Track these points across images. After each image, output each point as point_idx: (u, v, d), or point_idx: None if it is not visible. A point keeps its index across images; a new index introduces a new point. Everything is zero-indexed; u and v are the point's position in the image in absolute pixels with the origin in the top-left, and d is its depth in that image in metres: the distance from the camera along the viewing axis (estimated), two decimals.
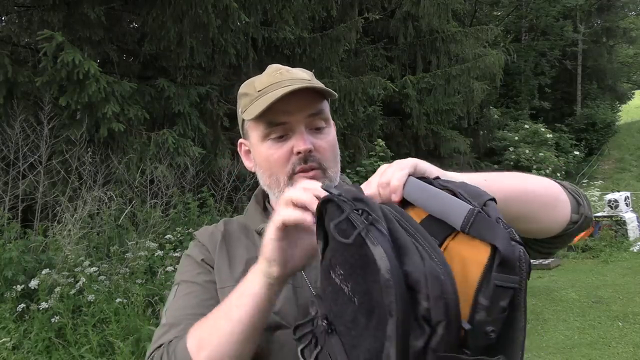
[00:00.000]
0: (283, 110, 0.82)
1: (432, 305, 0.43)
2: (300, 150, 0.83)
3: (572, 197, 0.79)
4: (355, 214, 0.49)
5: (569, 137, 18.26)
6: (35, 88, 5.38)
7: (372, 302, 0.47)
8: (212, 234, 0.95)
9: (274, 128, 0.84)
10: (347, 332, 0.51)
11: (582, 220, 0.78)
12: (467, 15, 17.41)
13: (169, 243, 4.68)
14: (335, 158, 0.89)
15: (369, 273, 0.46)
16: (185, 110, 6.65)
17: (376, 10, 10.98)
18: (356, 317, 0.50)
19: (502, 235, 0.46)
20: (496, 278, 0.45)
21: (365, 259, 0.47)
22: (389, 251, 0.45)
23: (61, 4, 5.99)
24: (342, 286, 0.52)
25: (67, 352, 3.36)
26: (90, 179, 5.01)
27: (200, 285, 0.87)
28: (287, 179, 0.85)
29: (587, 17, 22.24)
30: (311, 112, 0.84)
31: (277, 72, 0.87)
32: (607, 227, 8.36)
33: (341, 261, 0.52)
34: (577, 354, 4.09)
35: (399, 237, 0.47)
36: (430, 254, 0.45)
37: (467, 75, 11.61)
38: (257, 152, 0.88)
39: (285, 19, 7.76)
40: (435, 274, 0.44)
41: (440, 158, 13.16)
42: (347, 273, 0.51)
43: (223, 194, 6.45)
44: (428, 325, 0.44)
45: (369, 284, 0.47)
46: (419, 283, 0.44)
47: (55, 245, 4.28)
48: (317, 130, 0.86)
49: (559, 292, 5.87)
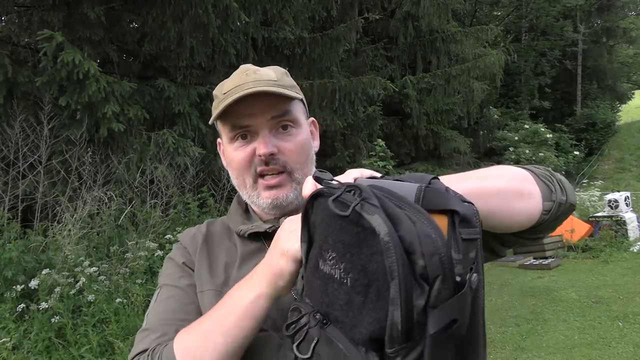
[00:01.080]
0: (246, 113, 0.83)
1: (428, 262, 0.46)
2: (260, 154, 0.83)
3: (544, 184, 0.75)
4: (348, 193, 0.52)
5: (569, 137, 18.27)
6: (35, 88, 5.38)
7: (368, 276, 0.49)
8: (194, 236, 0.95)
9: (238, 131, 0.85)
10: (344, 316, 0.53)
11: (555, 207, 0.74)
12: (467, 15, 17.42)
13: (169, 243, 4.68)
14: (304, 159, 0.88)
15: (365, 246, 0.49)
16: (185, 110, 6.65)
17: (376, 10, 10.99)
18: (350, 298, 0.51)
19: (454, 198, 0.50)
20: (462, 233, 0.49)
21: (360, 233, 0.49)
22: (384, 218, 0.47)
23: (61, 4, 5.99)
24: (332, 272, 0.54)
25: (67, 352, 3.36)
26: (90, 179, 5.01)
27: (181, 289, 0.87)
28: (252, 181, 0.87)
29: (587, 17, 22.25)
30: (274, 114, 0.84)
31: (243, 73, 0.87)
32: (607, 227, 8.36)
33: (333, 244, 0.54)
34: (577, 354, 4.09)
35: (388, 208, 0.49)
36: (418, 217, 0.48)
37: (467, 75, 11.61)
38: (226, 152, 0.90)
39: (285, 19, 7.77)
40: (427, 233, 0.47)
41: (440, 158, 13.17)
42: (340, 254, 0.53)
43: (223, 194, 6.45)
44: (426, 282, 0.46)
45: (364, 259, 0.49)
46: (412, 244, 0.46)
47: (55, 245, 4.28)
48: (284, 131, 0.86)
49: (559, 292, 5.87)
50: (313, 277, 0.59)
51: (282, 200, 0.86)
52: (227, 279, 0.85)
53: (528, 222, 0.73)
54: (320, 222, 0.58)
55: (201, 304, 0.84)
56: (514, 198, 0.71)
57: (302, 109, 0.91)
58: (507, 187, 0.71)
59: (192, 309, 0.83)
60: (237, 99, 0.80)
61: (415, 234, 0.46)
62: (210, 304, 0.79)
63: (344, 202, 0.52)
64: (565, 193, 0.76)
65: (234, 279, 0.83)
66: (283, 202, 0.86)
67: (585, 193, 11.63)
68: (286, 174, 0.86)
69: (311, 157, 0.91)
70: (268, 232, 0.87)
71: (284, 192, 0.86)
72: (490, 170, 0.74)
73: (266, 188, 0.86)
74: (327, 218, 0.55)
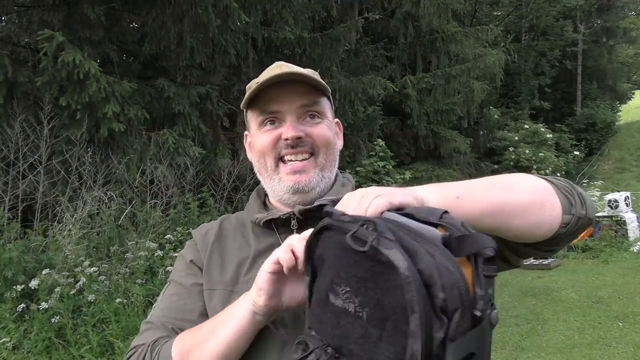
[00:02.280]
0: (276, 100, 0.86)
1: (448, 295, 0.46)
2: (287, 137, 0.85)
3: (564, 196, 0.75)
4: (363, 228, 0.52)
5: (569, 137, 18.26)
6: (35, 88, 5.38)
7: (384, 310, 0.49)
8: (207, 233, 0.96)
9: (267, 116, 0.88)
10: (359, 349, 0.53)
11: (574, 221, 0.74)
12: (467, 15, 17.41)
13: (169, 243, 4.68)
14: (328, 147, 0.90)
15: (381, 280, 0.50)
16: (185, 110, 6.65)
17: (376, 10, 10.98)
18: (367, 331, 0.51)
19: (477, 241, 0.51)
20: (484, 270, 0.50)
21: (376, 268, 0.50)
22: (402, 252, 0.48)
23: (61, 4, 5.98)
24: (345, 306, 0.54)
25: (67, 352, 3.36)
26: (90, 179, 5.01)
27: (186, 288, 0.89)
28: (274, 164, 0.88)
29: (587, 17, 22.24)
30: (303, 102, 0.87)
31: (277, 67, 0.89)
32: (607, 227, 8.36)
33: (346, 279, 0.54)
34: (577, 354, 4.09)
35: (405, 242, 0.50)
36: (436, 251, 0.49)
37: (467, 75, 11.60)
38: (254, 139, 0.92)
39: (285, 18, 7.76)
40: (446, 266, 0.47)
41: (440, 158, 13.16)
42: (354, 288, 0.53)
43: (223, 194, 6.45)
44: (445, 315, 0.47)
45: (380, 293, 0.50)
46: (432, 277, 0.47)
47: (55, 245, 4.28)
48: (311, 120, 0.88)
49: (559, 292, 5.87)
50: (322, 310, 0.59)
51: (304, 185, 0.87)
52: (238, 277, 0.87)
53: (546, 234, 0.73)
54: (330, 256, 0.58)
55: (210, 302, 0.86)
56: (535, 211, 0.71)
57: (329, 106, 0.94)
58: (530, 200, 0.71)
59: (193, 308, 0.86)
60: (269, 83, 0.83)
61: (435, 266, 0.47)
62: (220, 302, 0.82)
63: (358, 237, 0.52)
64: (585, 207, 0.76)
65: (245, 279, 0.85)
66: (305, 187, 0.87)
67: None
68: (312, 159, 0.88)
69: (336, 150, 0.93)
70: (282, 219, 0.87)
71: (307, 177, 0.87)
72: (512, 179, 0.74)
73: (290, 172, 0.87)
74: (339, 252, 0.55)
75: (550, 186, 0.75)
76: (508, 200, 0.69)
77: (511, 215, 0.69)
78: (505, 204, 0.68)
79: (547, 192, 0.74)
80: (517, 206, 0.69)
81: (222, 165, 6.82)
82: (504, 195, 0.70)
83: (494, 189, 0.71)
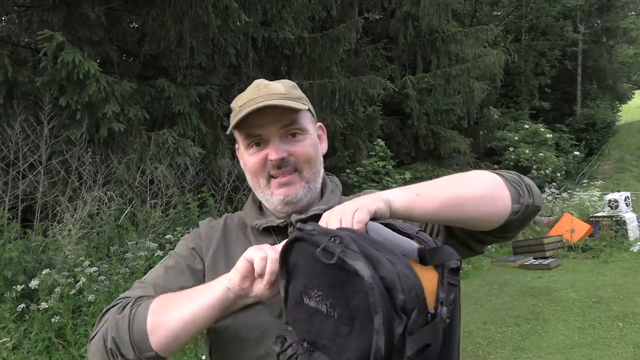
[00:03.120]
0: (258, 124, 0.95)
1: (407, 296, 0.56)
2: (272, 159, 0.95)
3: (513, 188, 0.85)
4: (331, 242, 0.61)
5: (569, 137, 18.27)
6: (35, 88, 5.38)
7: (352, 310, 0.58)
8: (213, 228, 1.05)
9: (252, 139, 0.97)
10: (331, 343, 0.62)
11: (523, 208, 0.85)
12: (467, 15, 17.42)
13: (169, 243, 4.68)
14: (310, 161, 0.99)
15: (348, 286, 0.58)
16: (185, 110, 6.65)
17: (376, 10, 10.97)
18: (337, 328, 0.60)
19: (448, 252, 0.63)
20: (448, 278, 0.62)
21: (344, 275, 0.59)
22: (366, 262, 0.57)
23: (61, 4, 5.98)
24: (318, 307, 0.63)
25: (67, 352, 3.36)
26: (90, 179, 5.00)
27: (181, 266, 0.99)
28: (266, 181, 0.99)
29: (587, 17, 22.24)
30: (283, 123, 0.95)
31: (256, 88, 0.97)
32: (607, 227, 8.37)
33: (317, 284, 0.63)
34: (577, 354, 4.09)
35: (368, 252, 0.59)
36: (396, 260, 0.59)
37: (467, 75, 11.59)
38: (242, 158, 1.02)
39: (285, 18, 7.76)
40: (405, 273, 0.57)
41: (440, 158, 13.17)
42: (325, 293, 0.62)
43: (223, 194, 6.45)
44: (404, 313, 0.56)
45: (347, 296, 0.59)
46: (393, 282, 0.56)
47: (55, 245, 4.28)
48: (293, 138, 0.97)
49: (559, 292, 5.88)
50: (297, 310, 0.68)
51: (292, 197, 0.97)
52: None
53: (499, 222, 0.84)
54: (303, 264, 0.67)
55: None
56: (487, 202, 0.82)
57: (310, 117, 1.02)
58: (483, 193, 0.82)
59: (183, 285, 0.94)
60: (250, 112, 0.91)
61: (395, 273, 0.57)
62: None
63: (327, 250, 0.61)
64: (532, 196, 0.87)
65: None
66: (293, 199, 0.97)
67: (585, 193, 11.64)
68: (296, 173, 0.97)
69: (319, 158, 1.02)
70: (280, 227, 0.98)
71: (294, 190, 0.97)
72: (467, 175, 0.86)
73: (278, 186, 0.97)
74: (310, 262, 0.64)
75: (501, 179, 0.86)
76: (463, 194, 0.80)
77: (466, 207, 0.80)
78: (460, 198, 0.79)
79: (498, 185, 0.85)
80: (470, 199, 0.80)
81: (222, 165, 6.82)
82: (459, 190, 0.81)
83: (450, 185, 0.82)
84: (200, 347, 3.56)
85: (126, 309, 0.86)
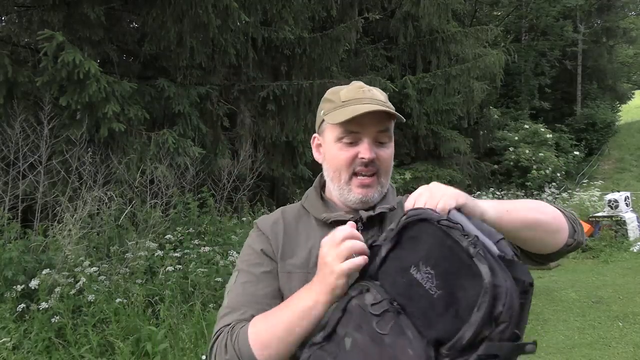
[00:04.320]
0: (358, 122, 1.00)
1: (504, 310, 0.65)
2: (364, 157, 1.02)
3: (570, 224, 1.00)
4: (468, 240, 0.70)
5: (569, 137, 18.26)
6: (35, 88, 5.38)
7: (454, 299, 0.68)
8: (275, 223, 1.10)
9: (348, 135, 1.03)
10: (421, 314, 0.72)
11: (574, 244, 1.00)
12: (467, 15, 17.41)
13: (169, 243, 4.68)
14: (389, 169, 1.08)
15: (465, 280, 0.68)
16: (185, 110, 6.65)
17: (376, 10, 10.98)
18: (433, 306, 0.70)
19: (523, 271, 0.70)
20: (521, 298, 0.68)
21: (464, 271, 0.68)
22: (490, 269, 0.66)
23: (61, 4, 5.98)
24: (423, 282, 0.73)
25: (67, 352, 3.36)
26: (90, 179, 5.00)
27: (256, 276, 1.03)
28: (348, 177, 1.04)
29: (587, 17, 22.24)
30: (380, 128, 1.03)
31: (360, 89, 1.05)
32: (607, 227, 8.36)
33: (434, 265, 0.72)
34: (577, 354, 4.09)
35: (492, 264, 0.68)
36: (508, 278, 0.67)
37: (467, 75, 11.59)
38: (328, 149, 1.07)
39: (285, 18, 7.76)
40: (511, 291, 0.66)
41: (440, 158, 13.16)
42: (437, 273, 0.72)
43: (223, 194, 6.45)
44: (495, 322, 0.65)
45: (457, 287, 0.68)
46: (501, 294, 0.65)
47: (55, 245, 4.28)
48: (380, 144, 1.05)
49: (559, 292, 5.88)
50: (397, 274, 0.78)
51: (369, 199, 1.05)
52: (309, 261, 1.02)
53: (552, 250, 0.98)
54: (425, 241, 0.75)
55: (289, 284, 1.01)
56: (554, 231, 0.96)
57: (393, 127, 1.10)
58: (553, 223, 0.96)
59: (265, 292, 1.01)
60: (364, 113, 0.98)
61: (505, 288, 0.66)
62: (299, 283, 0.97)
63: (462, 246, 0.70)
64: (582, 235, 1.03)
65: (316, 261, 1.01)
66: (370, 200, 1.05)
67: (585, 193, 11.62)
68: (375, 177, 1.05)
69: (392, 167, 1.12)
70: None
71: (371, 192, 1.05)
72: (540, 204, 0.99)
73: (359, 186, 1.04)
74: (437, 245, 0.73)
75: (562, 214, 1.00)
76: (540, 220, 0.94)
77: (539, 232, 0.94)
78: (537, 223, 0.94)
79: (562, 218, 0.99)
80: (544, 225, 0.95)
81: (222, 165, 6.82)
82: (538, 216, 0.94)
83: (532, 210, 0.95)
84: (200, 347, 3.56)
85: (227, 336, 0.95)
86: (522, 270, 0.70)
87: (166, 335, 3.59)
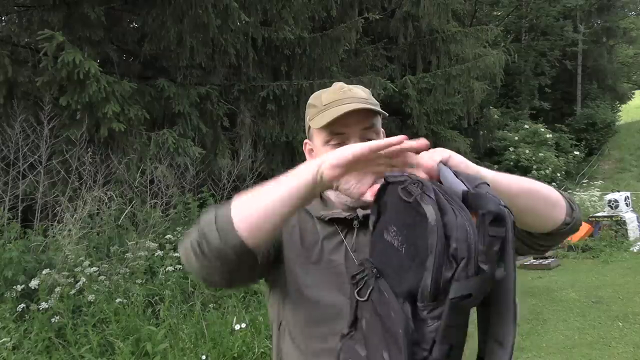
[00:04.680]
0: (343, 123, 1.01)
1: (459, 247, 0.61)
2: None
3: (567, 202, 0.97)
4: (413, 185, 0.69)
5: (569, 137, 18.25)
6: (35, 88, 5.38)
7: (417, 249, 0.66)
8: None
9: (334, 136, 1.04)
10: (395, 274, 0.72)
11: (573, 222, 0.96)
12: (467, 15, 17.40)
13: (169, 243, 4.68)
14: None
15: (418, 227, 0.65)
16: (185, 110, 6.65)
17: (376, 10, 10.96)
18: (402, 263, 0.69)
19: (492, 201, 0.64)
20: (490, 230, 0.62)
21: (418, 218, 0.66)
22: (435, 209, 0.63)
23: (61, 4, 5.98)
24: (392, 241, 0.73)
25: (67, 352, 3.36)
26: (90, 179, 5.00)
27: None
28: None
29: (587, 17, 22.23)
30: (365, 125, 1.04)
31: (340, 90, 1.06)
32: (607, 227, 8.35)
33: (395, 222, 0.73)
34: (577, 354, 4.09)
35: (441, 201, 0.65)
36: (461, 213, 0.63)
37: (467, 75, 11.58)
38: (319, 154, 1.07)
39: (285, 18, 7.76)
40: (463, 225, 0.62)
41: None
42: (399, 229, 0.72)
43: (223, 194, 6.45)
44: (455, 261, 0.61)
45: (417, 235, 0.66)
46: (451, 230, 0.62)
47: (55, 245, 4.28)
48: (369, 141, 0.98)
49: (559, 292, 5.87)
50: (378, 241, 0.80)
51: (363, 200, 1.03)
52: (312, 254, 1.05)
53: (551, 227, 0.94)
54: (390, 203, 0.77)
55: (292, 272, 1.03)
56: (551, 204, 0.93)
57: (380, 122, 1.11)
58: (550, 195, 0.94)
59: None
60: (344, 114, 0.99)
61: (455, 223, 0.62)
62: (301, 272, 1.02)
63: (409, 191, 0.69)
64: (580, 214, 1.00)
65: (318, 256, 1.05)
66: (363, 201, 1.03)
67: (585, 193, 11.62)
68: None
69: None
70: (347, 219, 1.07)
71: None
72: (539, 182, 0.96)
73: None
74: (396, 201, 0.73)
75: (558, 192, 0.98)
76: (538, 189, 0.92)
77: (537, 201, 0.90)
78: (536, 191, 0.91)
79: (559, 195, 0.96)
80: (542, 196, 0.92)
81: (222, 165, 6.82)
82: (536, 186, 0.92)
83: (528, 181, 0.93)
84: (200, 347, 3.57)
85: None
86: (493, 201, 0.63)
87: (166, 335, 3.59)
